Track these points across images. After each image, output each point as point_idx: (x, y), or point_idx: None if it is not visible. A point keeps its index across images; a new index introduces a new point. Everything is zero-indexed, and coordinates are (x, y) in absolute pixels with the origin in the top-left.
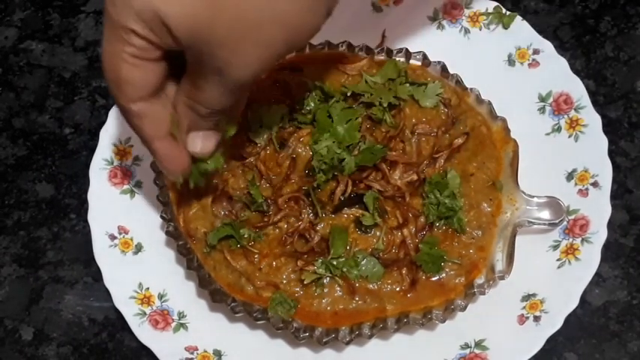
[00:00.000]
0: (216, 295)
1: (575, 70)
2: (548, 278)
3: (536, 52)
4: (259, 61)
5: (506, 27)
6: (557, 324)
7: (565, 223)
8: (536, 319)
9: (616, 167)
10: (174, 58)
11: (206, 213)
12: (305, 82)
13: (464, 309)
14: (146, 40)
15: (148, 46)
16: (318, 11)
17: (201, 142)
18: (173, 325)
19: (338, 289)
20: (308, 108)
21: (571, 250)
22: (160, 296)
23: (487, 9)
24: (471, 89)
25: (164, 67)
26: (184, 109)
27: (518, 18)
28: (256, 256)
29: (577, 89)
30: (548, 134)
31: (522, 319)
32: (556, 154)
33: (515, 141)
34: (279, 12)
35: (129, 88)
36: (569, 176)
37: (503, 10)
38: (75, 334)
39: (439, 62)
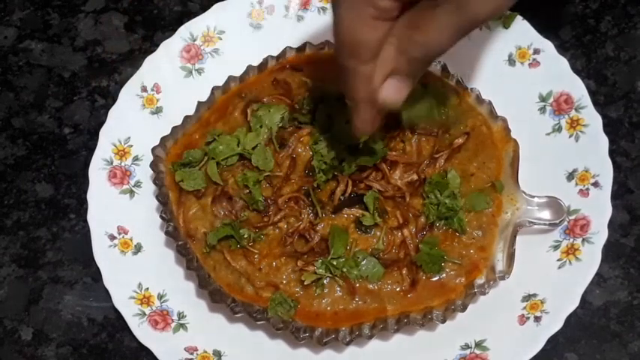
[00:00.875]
0: (215, 296)
1: (576, 70)
2: (549, 278)
3: (536, 51)
4: None
5: (506, 26)
6: (558, 324)
7: (566, 223)
8: (537, 319)
9: (617, 167)
10: None
11: (206, 213)
12: (305, 81)
13: (464, 309)
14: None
15: (393, 6)
16: None
17: (396, 89)
18: (173, 325)
19: (338, 289)
20: (308, 108)
21: (572, 250)
22: (160, 296)
23: None
24: (472, 89)
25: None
26: (394, 52)
27: (519, 17)
28: (256, 256)
29: (577, 89)
30: (548, 134)
31: (523, 320)
32: (557, 154)
33: (515, 141)
34: None
35: (364, 50)
36: (570, 176)
37: None
38: (74, 334)
39: (439, 62)
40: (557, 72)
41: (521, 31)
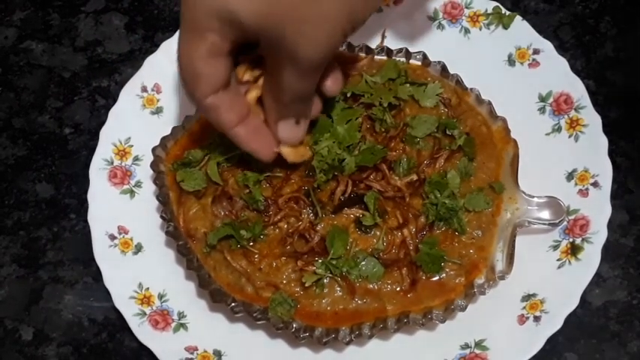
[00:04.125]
0: (216, 296)
1: (576, 70)
2: (549, 278)
3: (536, 52)
4: (325, 37)
5: (506, 27)
6: (558, 324)
7: (565, 223)
8: (537, 319)
9: (616, 167)
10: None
11: (206, 213)
12: None
13: (464, 309)
14: (220, 36)
15: (222, 42)
16: None
17: (289, 131)
18: (173, 325)
19: (338, 289)
20: None
21: (571, 250)
22: (160, 296)
23: (487, 9)
24: (471, 89)
25: (231, 60)
26: (270, 101)
27: (518, 18)
28: (256, 256)
29: (577, 89)
30: (548, 134)
31: (522, 319)
32: (556, 154)
33: (515, 141)
34: None
35: (203, 83)
36: (570, 176)
37: (503, 10)
38: (75, 334)
39: (439, 62)
40: (556, 72)
41: (521, 32)
